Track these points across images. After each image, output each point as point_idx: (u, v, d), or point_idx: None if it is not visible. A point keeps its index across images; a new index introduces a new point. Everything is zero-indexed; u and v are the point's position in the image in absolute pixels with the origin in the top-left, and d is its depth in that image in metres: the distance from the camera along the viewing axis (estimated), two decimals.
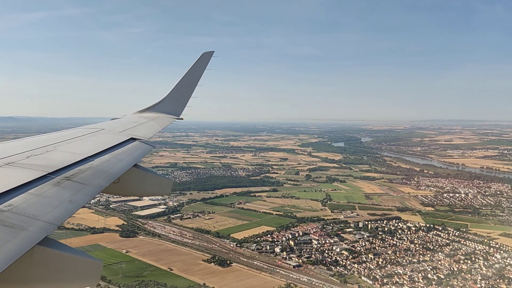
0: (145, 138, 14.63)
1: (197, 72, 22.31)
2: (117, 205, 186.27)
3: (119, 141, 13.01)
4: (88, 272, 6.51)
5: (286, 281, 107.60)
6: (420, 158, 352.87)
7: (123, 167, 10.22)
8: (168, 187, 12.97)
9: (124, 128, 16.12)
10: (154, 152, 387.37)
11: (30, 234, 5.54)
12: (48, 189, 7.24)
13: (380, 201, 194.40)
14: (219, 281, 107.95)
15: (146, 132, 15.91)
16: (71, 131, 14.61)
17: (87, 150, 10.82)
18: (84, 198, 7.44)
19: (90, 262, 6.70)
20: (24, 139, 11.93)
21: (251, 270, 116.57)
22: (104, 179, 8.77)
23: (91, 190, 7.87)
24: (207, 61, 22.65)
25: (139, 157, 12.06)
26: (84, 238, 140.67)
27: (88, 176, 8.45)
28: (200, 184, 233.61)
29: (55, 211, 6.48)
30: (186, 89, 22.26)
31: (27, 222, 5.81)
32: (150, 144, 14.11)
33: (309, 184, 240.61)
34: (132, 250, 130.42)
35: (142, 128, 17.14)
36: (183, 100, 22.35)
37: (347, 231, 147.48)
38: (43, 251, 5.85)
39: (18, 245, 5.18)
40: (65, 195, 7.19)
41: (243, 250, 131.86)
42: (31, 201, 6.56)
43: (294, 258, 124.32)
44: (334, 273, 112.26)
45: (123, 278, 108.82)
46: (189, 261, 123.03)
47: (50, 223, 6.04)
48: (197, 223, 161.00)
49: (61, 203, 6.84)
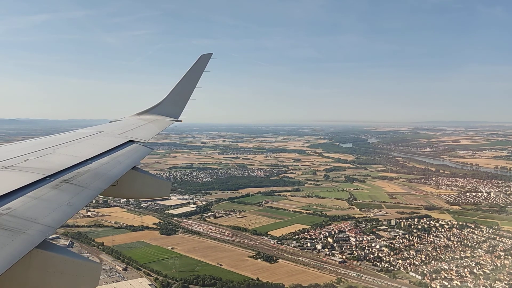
0: (143, 140, 14.70)
1: (195, 74, 22.29)
2: (148, 204, 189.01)
3: (118, 143, 13.08)
4: (87, 276, 6.49)
5: (336, 276, 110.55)
6: (432, 158, 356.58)
7: (121, 170, 10.23)
8: (167, 190, 13.00)
9: (122, 131, 16.13)
10: (167, 154, 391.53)
11: (28, 237, 5.56)
12: (47, 192, 7.23)
13: (404, 200, 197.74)
14: (271, 276, 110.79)
15: (144, 135, 15.95)
16: (69, 133, 14.59)
17: (85, 152, 10.80)
18: (82, 201, 7.46)
19: (89, 265, 6.70)
20: (22, 142, 12.01)
21: (298, 266, 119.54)
22: (103, 181, 8.80)
23: (90, 193, 7.89)
24: (206, 63, 22.61)
25: (138, 160, 12.03)
26: (126, 235, 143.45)
27: (86, 179, 8.47)
28: (222, 184, 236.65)
29: (53, 214, 6.48)
30: (184, 91, 22.21)
31: (25, 225, 5.82)
32: (149, 146, 14.12)
33: (330, 184, 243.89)
34: (177, 246, 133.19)
35: (140, 130, 17.16)
36: (181, 102, 22.29)
37: (381, 229, 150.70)
38: (42, 254, 5.85)
39: (16, 249, 5.19)
40: (64, 198, 7.19)
41: (284, 247, 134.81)
42: (29, 204, 6.56)
43: (337, 254, 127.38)
44: (380, 269, 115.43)
45: (177, 273, 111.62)
46: (235, 257, 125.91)
47: (49, 226, 6.04)
48: (231, 221, 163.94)
49: (60, 206, 6.83)
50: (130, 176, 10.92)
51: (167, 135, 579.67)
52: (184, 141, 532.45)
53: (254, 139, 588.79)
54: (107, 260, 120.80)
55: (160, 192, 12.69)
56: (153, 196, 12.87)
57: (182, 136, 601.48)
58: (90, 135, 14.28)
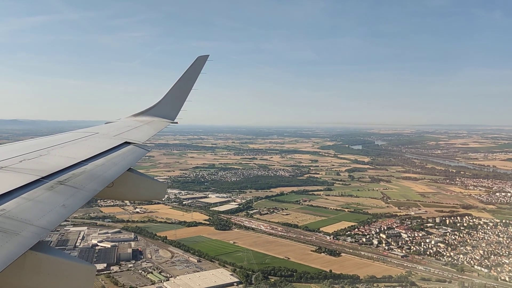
0: (139, 142, 14.57)
1: (192, 76, 22.20)
2: (189, 201, 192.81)
3: (113, 145, 12.99)
4: (81, 277, 6.46)
5: (403, 269, 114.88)
6: (447, 160, 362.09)
7: (117, 171, 10.19)
8: (162, 192, 12.84)
9: (118, 132, 16.02)
10: (183, 154, 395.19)
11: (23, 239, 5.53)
12: (41, 194, 7.18)
13: (438, 200, 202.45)
14: (341, 269, 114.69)
15: (140, 136, 15.84)
16: (64, 135, 14.48)
17: (80, 154, 10.73)
18: (77, 203, 7.40)
19: (83, 267, 6.60)
20: (17, 143, 11.91)
21: (363, 259, 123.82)
22: (98, 183, 8.75)
23: (85, 195, 7.86)
24: (202, 65, 22.58)
25: (134, 161, 11.92)
26: (184, 230, 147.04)
27: (81, 181, 8.43)
28: (253, 183, 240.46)
29: (48, 215, 6.45)
30: (181, 93, 22.09)
31: (20, 227, 5.80)
32: (144, 148, 14.03)
33: (357, 184, 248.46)
34: (237, 241, 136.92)
35: (136, 132, 17.06)
36: (178, 104, 22.18)
37: (428, 226, 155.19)
38: (36, 256, 5.82)
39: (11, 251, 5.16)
40: (59, 200, 7.14)
41: (341, 242, 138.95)
42: (24, 205, 6.52)
43: (395, 249, 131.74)
44: (446, 263, 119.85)
45: (249, 264, 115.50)
46: (298, 251, 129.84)
47: (43, 228, 6.01)
48: (277, 218, 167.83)
49: (55, 207, 6.79)
50: (125, 177, 10.85)
51: (174, 136, 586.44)
52: (193, 142, 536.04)
53: (261, 140, 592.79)
54: (178, 253, 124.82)
55: (156, 194, 12.56)
56: (149, 198, 12.86)
57: (189, 138, 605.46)
58: (85, 136, 14.25)
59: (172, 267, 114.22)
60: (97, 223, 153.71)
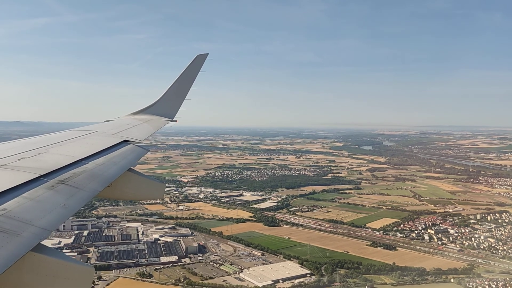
0: (138, 140, 14.54)
1: (191, 75, 22.12)
2: (227, 199, 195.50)
3: (112, 143, 12.94)
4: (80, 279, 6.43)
5: (463, 263, 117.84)
6: (462, 160, 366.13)
7: (117, 171, 10.12)
8: (161, 192, 12.75)
9: (117, 130, 15.97)
10: (199, 155, 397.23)
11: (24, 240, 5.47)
12: (42, 193, 7.10)
13: (469, 198, 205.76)
14: (403, 262, 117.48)
15: (139, 135, 15.77)
16: (63, 133, 14.38)
17: (80, 152, 10.64)
18: (78, 203, 7.32)
19: (82, 268, 6.59)
20: (16, 141, 11.79)
21: (420, 253, 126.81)
22: (99, 183, 8.67)
23: (85, 195, 7.76)
24: (201, 63, 22.48)
25: (134, 161, 11.86)
26: (234, 226, 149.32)
27: (82, 180, 8.36)
28: (282, 182, 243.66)
29: (48, 216, 6.37)
30: (180, 91, 22.01)
31: (20, 228, 5.71)
32: (145, 147, 13.91)
33: (383, 183, 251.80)
34: (291, 236, 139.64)
35: (135, 130, 16.98)
36: (177, 102, 22.05)
37: (471, 222, 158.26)
38: (35, 257, 5.73)
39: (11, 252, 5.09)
40: (59, 200, 7.06)
41: (392, 237, 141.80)
42: (25, 205, 6.44)
43: (448, 244, 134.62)
44: (502, 256, 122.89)
45: (313, 258, 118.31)
46: (354, 245, 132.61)
47: (44, 229, 5.94)
48: (320, 215, 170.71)
49: (55, 208, 6.71)
50: (125, 177, 10.74)
51: (182, 137, 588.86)
52: (203, 143, 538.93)
53: (270, 141, 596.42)
54: (239, 247, 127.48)
55: (154, 194, 12.40)
56: (147, 198, 12.60)
57: (197, 139, 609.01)
58: (84, 134, 14.16)
59: (240, 259, 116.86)
60: (148, 219, 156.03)
